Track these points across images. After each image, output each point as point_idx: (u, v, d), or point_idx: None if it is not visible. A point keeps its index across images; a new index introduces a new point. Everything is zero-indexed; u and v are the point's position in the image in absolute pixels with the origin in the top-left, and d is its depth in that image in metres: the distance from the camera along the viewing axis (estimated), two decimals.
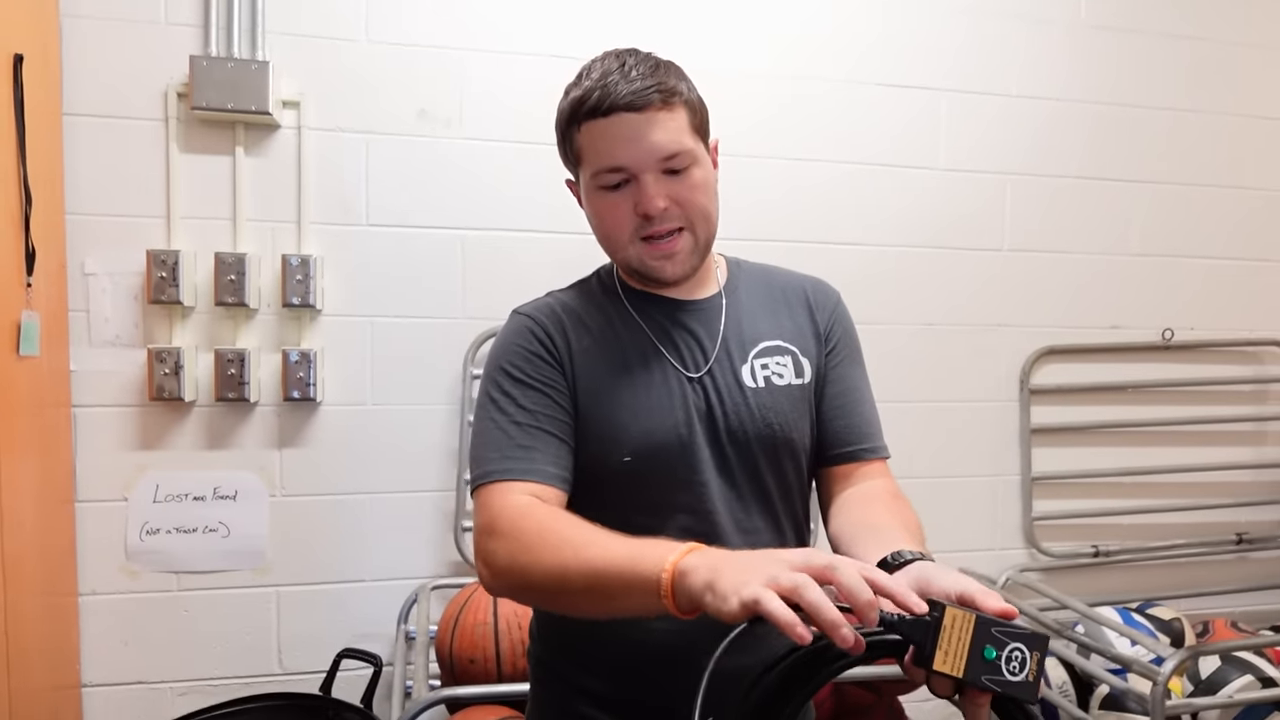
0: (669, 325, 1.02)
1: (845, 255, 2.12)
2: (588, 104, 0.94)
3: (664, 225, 0.96)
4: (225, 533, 1.86)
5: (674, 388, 0.99)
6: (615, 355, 1.00)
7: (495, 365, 1.00)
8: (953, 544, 2.21)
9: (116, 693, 1.83)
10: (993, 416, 2.24)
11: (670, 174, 0.95)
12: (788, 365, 1.03)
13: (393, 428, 1.92)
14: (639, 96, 0.92)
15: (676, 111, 0.95)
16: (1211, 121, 2.34)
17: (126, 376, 1.80)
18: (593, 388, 0.98)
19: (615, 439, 0.96)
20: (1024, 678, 0.64)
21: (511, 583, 0.87)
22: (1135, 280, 2.31)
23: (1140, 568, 2.34)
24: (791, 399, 1.02)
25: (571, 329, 1.01)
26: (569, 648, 1.04)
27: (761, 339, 1.04)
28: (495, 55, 1.94)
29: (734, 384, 1.00)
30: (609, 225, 0.98)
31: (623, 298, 1.05)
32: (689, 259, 0.99)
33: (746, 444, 0.99)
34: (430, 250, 1.93)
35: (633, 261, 0.99)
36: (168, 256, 1.75)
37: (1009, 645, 0.64)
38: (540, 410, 0.96)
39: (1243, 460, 2.39)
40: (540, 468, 0.93)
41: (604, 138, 0.94)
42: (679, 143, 0.94)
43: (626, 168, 0.94)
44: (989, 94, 2.21)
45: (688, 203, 0.96)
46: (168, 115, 1.79)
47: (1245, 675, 1.82)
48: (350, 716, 1.73)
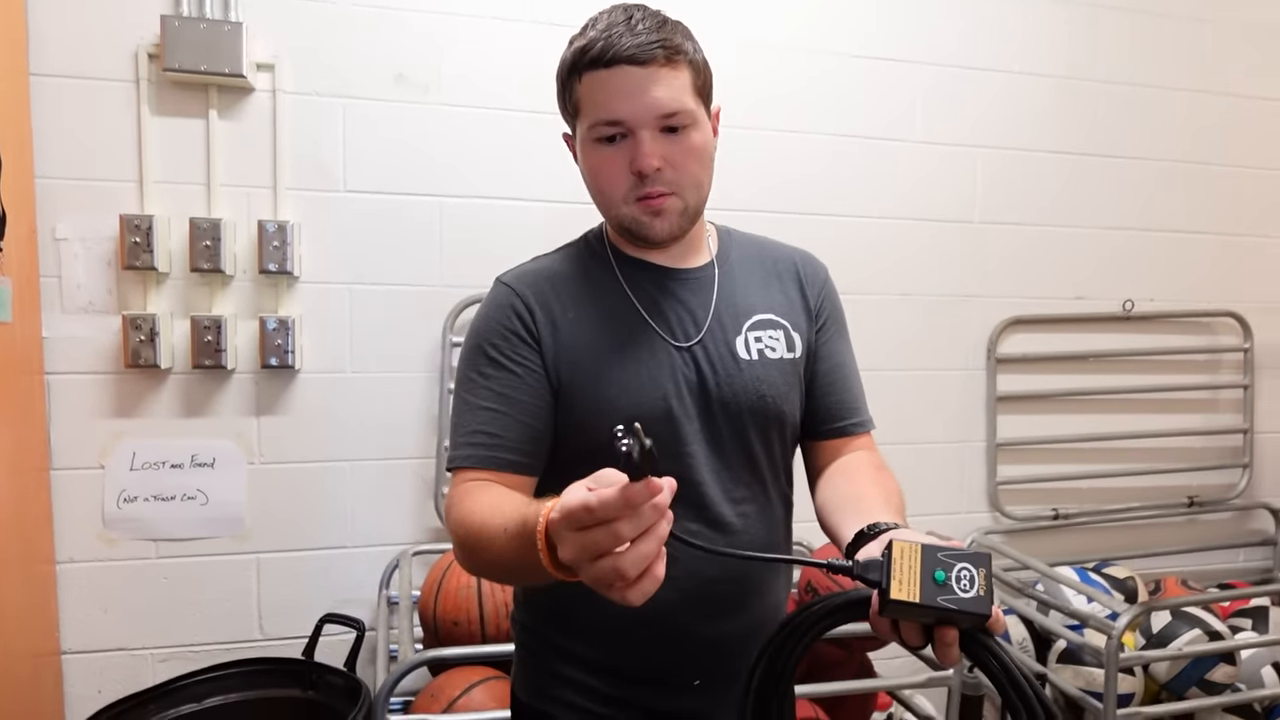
0: (659, 295, 1.02)
1: (822, 226, 2.15)
2: (590, 54, 0.93)
3: (655, 187, 0.95)
4: (204, 500, 1.85)
5: (662, 359, 0.99)
6: (603, 327, 1.00)
7: (475, 341, 1.00)
8: (921, 508, 2.28)
9: (96, 659, 1.83)
10: (961, 384, 2.30)
11: (668, 132, 0.94)
12: (780, 339, 1.04)
13: (372, 395, 1.93)
14: (643, 50, 0.91)
15: (680, 70, 0.94)
16: (1173, 98, 2.40)
17: (101, 343, 1.78)
18: (579, 361, 0.98)
19: (604, 412, 0.96)
20: (975, 593, 0.68)
21: (462, 563, 0.92)
22: (1098, 253, 2.38)
23: (1098, 529, 2.44)
24: (783, 372, 1.03)
25: (556, 300, 1.00)
26: (552, 613, 1.06)
27: (755, 311, 1.04)
28: (475, 20, 1.92)
29: (728, 355, 1.01)
30: (603, 181, 0.97)
31: (613, 264, 1.04)
32: (678, 220, 0.98)
33: (738, 414, 1.00)
34: (409, 217, 1.92)
35: (625, 220, 0.98)
36: (141, 221, 1.73)
37: (956, 566, 0.69)
38: (510, 394, 0.96)
39: (1195, 427, 2.49)
40: (499, 455, 0.94)
41: (604, 89, 0.93)
42: (679, 101, 0.93)
43: (625, 121, 0.93)
44: (962, 68, 2.23)
45: (681, 166, 0.95)
46: (139, 77, 1.76)
47: (1194, 629, 1.91)
48: (333, 679, 1.75)
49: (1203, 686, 1.89)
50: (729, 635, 1.02)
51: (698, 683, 1.02)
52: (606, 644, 1.02)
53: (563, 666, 1.04)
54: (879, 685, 1.70)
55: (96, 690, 1.81)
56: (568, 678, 1.03)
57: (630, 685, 1.02)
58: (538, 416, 0.97)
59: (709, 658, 1.02)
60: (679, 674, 1.02)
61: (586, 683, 1.03)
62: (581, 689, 1.03)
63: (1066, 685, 1.91)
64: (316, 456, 1.91)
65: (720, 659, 1.02)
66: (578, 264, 1.05)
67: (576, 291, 1.02)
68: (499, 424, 0.95)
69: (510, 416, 0.96)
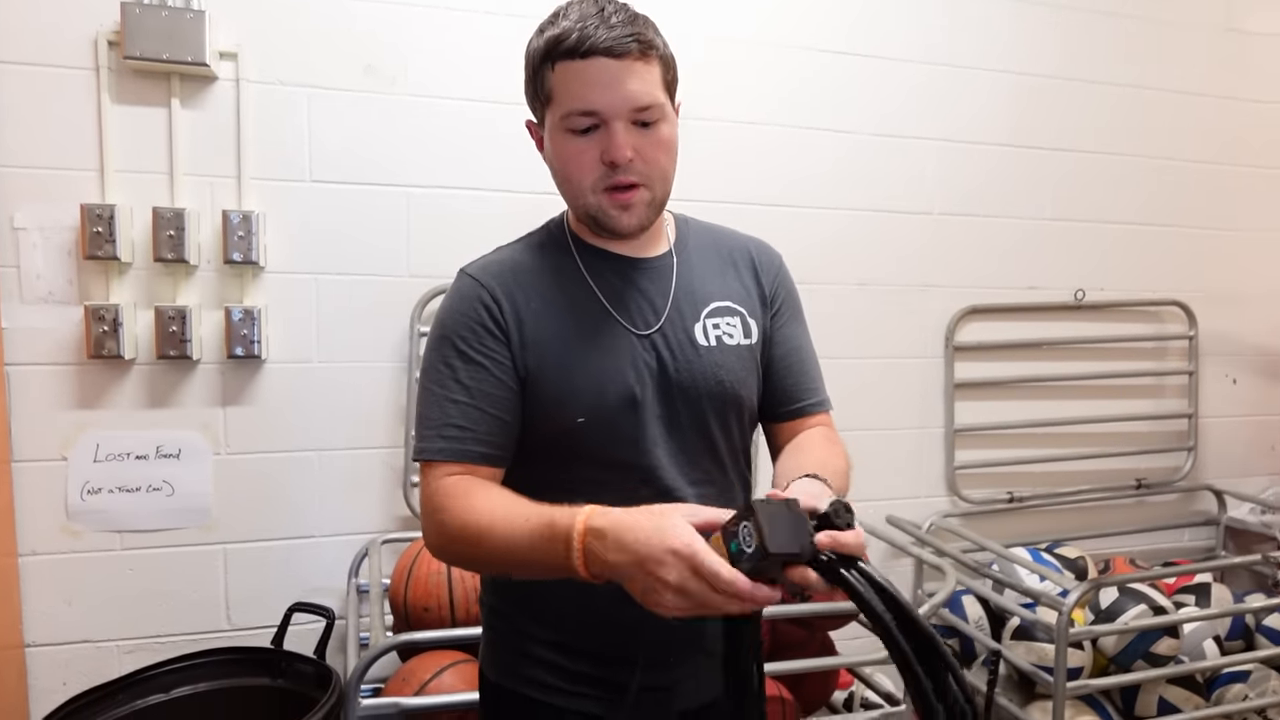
0: (620, 284, 1.04)
1: (784, 217, 2.19)
2: (565, 44, 0.93)
3: (626, 177, 0.96)
4: (169, 491, 1.85)
5: (623, 348, 1.01)
6: (565, 318, 1.01)
7: (442, 333, 1.01)
8: (881, 492, 2.34)
9: (61, 652, 1.82)
10: (919, 372, 2.36)
11: (640, 126, 0.96)
12: (737, 326, 1.07)
13: (340, 385, 1.93)
14: (619, 43, 0.92)
15: (652, 64, 0.96)
16: (1123, 94, 2.48)
17: (62, 334, 1.76)
18: (543, 352, 1.00)
19: (567, 401, 0.98)
20: (755, 544, 0.73)
21: (452, 557, 0.97)
22: (1051, 244, 2.45)
23: (1051, 512, 2.52)
24: (740, 358, 1.06)
25: (520, 291, 1.01)
26: (520, 597, 1.08)
27: (712, 299, 1.07)
28: (442, 11, 1.93)
29: (686, 342, 1.03)
30: (572, 170, 0.98)
31: (574, 254, 1.05)
32: (645, 212, 1.00)
33: (697, 400, 1.03)
34: (375, 207, 1.92)
35: (591, 209, 0.99)
36: (103, 211, 1.71)
37: (740, 532, 0.75)
38: (480, 387, 0.98)
39: (1143, 412, 2.58)
40: (471, 449, 0.97)
41: (579, 80, 0.94)
42: (652, 95, 0.95)
43: (600, 113, 0.94)
44: (919, 63, 2.29)
45: (651, 159, 0.97)
46: (99, 64, 1.74)
47: (1139, 605, 2.00)
48: (303, 667, 1.75)
49: (1148, 659, 1.97)
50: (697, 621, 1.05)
51: (672, 659, 1.05)
52: (576, 625, 1.04)
53: (532, 647, 1.06)
54: (838, 663, 1.75)
55: (61, 683, 1.80)
56: (538, 657, 1.05)
57: (601, 664, 1.04)
58: (506, 409, 0.99)
59: (680, 635, 1.03)
60: (649, 652, 1.04)
61: (556, 662, 1.05)
62: (551, 668, 1.05)
63: (1019, 660, 1.98)
64: (284, 447, 1.91)
65: (692, 636, 1.04)
66: (540, 254, 1.06)
67: (540, 282, 1.03)
68: (469, 417, 0.97)
69: (480, 409, 0.97)
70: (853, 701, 2.09)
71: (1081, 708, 2.03)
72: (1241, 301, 2.65)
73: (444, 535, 0.93)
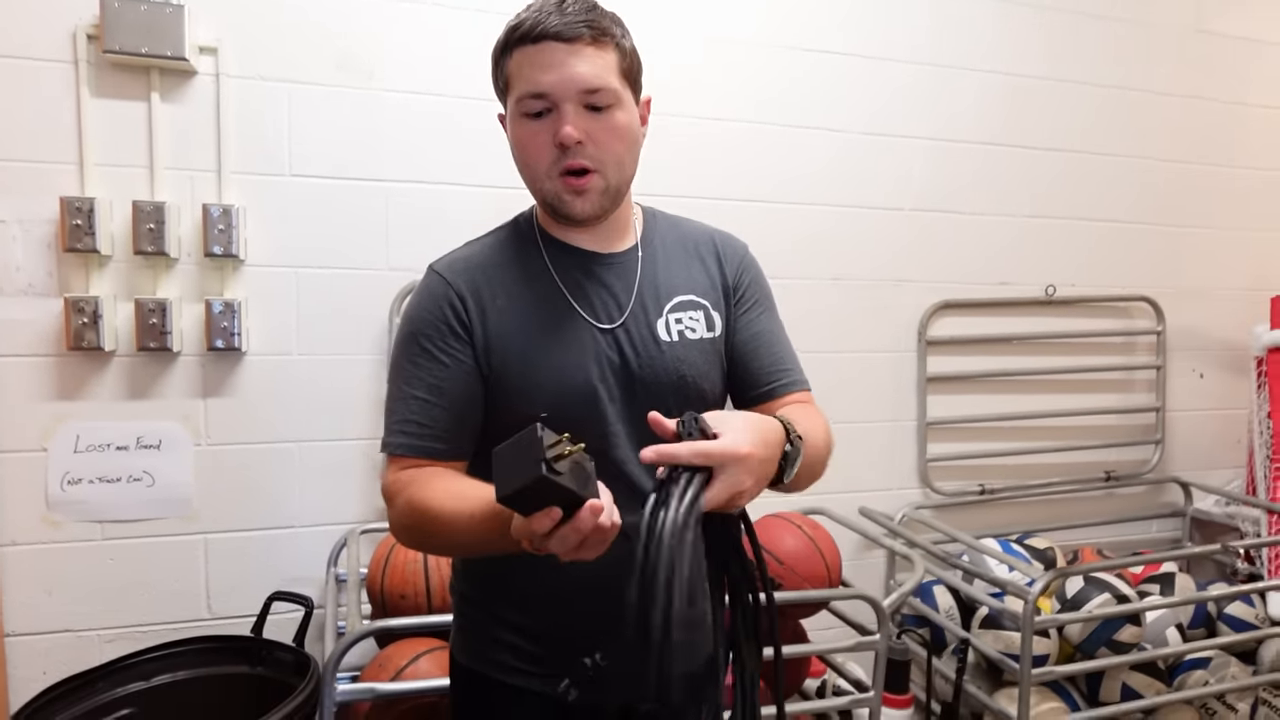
0: (584, 280, 1.06)
1: (757, 212, 2.23)
2: (519, 30, 0.97)
3: (577, 160, 0.98)
4: (150, 482, 1.87)
5: (586, 342, 1.03)
6: (529, 313, 1.04)
7: (409, 329, 1.05)
8: (854, 484, 2.38)
9: (41, 641, 1.83)
10: (892, 366, 2.41)
11: (592, 110, 0.98)
12: (699, 320, 1.09)
13: (319, 377, 1.95)
14: (568, 28, 0.96)
15: (606, 50, 0.98)
16: (1098, 94, 2.52)
17: (42, 326, 1.78)
18: (506, 346, 1.03)
19: (530, 395, 1.01)
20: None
21: (412, 541, 1.01)
22: (1023, 240, 2.50)
23: (1021, 504, 2.57)
24: (703, 352, 1.08)
25: (485, 287, 1.04)
26: (490, 582, 1.11)
27: (676, 293, 1.09)
28: (415, 6, 1.95)
29: (649, 336, 1.05)
30: (529, 154, 1.01)
31: (541, 249, 1.07)
32: (599, 199, 1.01)
33: (659, 394, 1.05)
34: (354, 202, 1.94)
35: (548, 195, 1.02)
36: (82, 204, 1.72)
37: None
38: (440, 385, 1.01)
39: (1112, 405, 2.63)
40: (430, 444, 1.01)
41: (530, 64, 0.97)
42: (602, 79, 0.97)
43: (548, 94, 0.97)
44: (895, 60, 2.32)
45: (603, 144, 0.99)
46: (77, 58, 1.75)
47: (1104, 594, 2.04)
48: (282, 655, 1.78)
49: (1111, 647, 2.02)
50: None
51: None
52: (542, 610, 1.07)
53: (501, 632, 1.09)
54: (809, 650, 1.79)
55: (41, 672, 1.82)
56: (506, 642, 1.08)
57: (562, 647, 1.06)
58: (466, 405, 1.02)
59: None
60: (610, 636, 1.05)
61: (523, 647, 1.08)
62: (519, 653, 1.08)
63: (987, 648, 2.03)
64: (264, 438, 1.93)
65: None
66: (508, 250, 1.09)
67: (506, 278, 1.05)
68: (429, 414, 1.01)
69: (440, 407, 1.01)
70: (825, 690, 2.13)
71: (1047, 694, 2.08)
72: (1209, 298, 2.71)
73: (401, 521, 0.98)
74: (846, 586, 1.91)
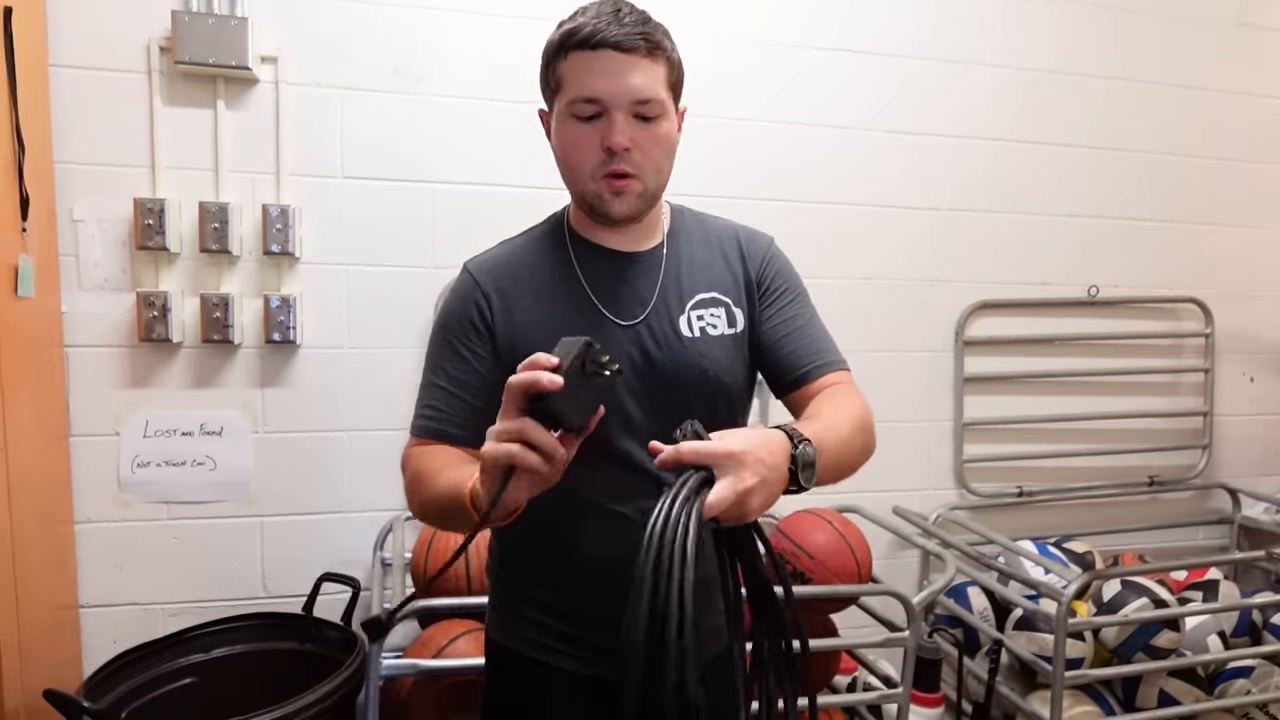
0: (610, 278, 1.11)
1: (794, 211, 2.26)
2: (578, 35, 1.01)
3: (621, 166, 1.03)
4: (212, 466, 1.98)
5: (608, 338, 1.07)
6: (553, 311, 1.09)
7: (440, 323, 1.14)
8: (889, 484, 2.40)
9: (112, 613, 1.96)
10: (929, 366, 2.41)
11: (640, 120, 1.03)
12: (721, 317, 1.12)
13: (368, 369, 2.05)
14: (627, 39, 1.00)
15: (658, 63, 1.03)
16: (1140, 90, 2.49)
17: (116, 319, 1.91)
18: (530, 344, 1.05)
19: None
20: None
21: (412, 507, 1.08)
22: (1065, 240, 2.48)
23: (1060, 507, 2.55)
24: (725, 348, 1.12)
25: (511, 287, 1.11)
26: (517, 561, 1.18)
27: (698, 290, 1.13)
28: (464, 15, 2.03)
29: (671, 333, 1.09)
30: (575, 155, 1.05)
31: (569, 249, 1.13)
32: (636, 202, 1.06)
33: (681, 388, 1.08)
34: (403, 202, 2.03)
35: (589, 195, 1.06)
36: (154, 204, 1.85)
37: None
38: (460, 377, 1.10)
39: (1158, 409, 2.59)
40: (444, 428, 1.09)
41: (587, 70, 1.01)
42: (654, 90, 1.02)
43: (602, 100, 1.01)
44: (933, 60, 2.33)
45: (647, 151, 1.04)
46: (151, 68, 1.87)
47: (1141, 598, 2.03)
48: (331, 633, 1.88)
49: (1148, 652, 2.00)
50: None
51: None
52: (565, 590, 1.14)
53: (527, 609, 1.16)
54: (835, 644, 1.82)
55: (112, 641, 1.95)
56: (532, 619, 1.16)
57: (584, 626, 1.13)
58: (480, 397, 1.09)
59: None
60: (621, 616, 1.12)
61: (547, 623, 1.15)
62: (543, 629, 1.15)
63: (1020, 649, 2.03)
64: (316, 427, 2.03)
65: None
66: (538, 250, 1.14)
67: (534, 278, 1.12)
68: (447, 402, 1.10)
69: (459, 397, 1.09)
70: (856, 686, 2.15)
71: (1082, 698, 2.07)
72: (1259, 299, 2.65)
73: (407, 488, 1.08)
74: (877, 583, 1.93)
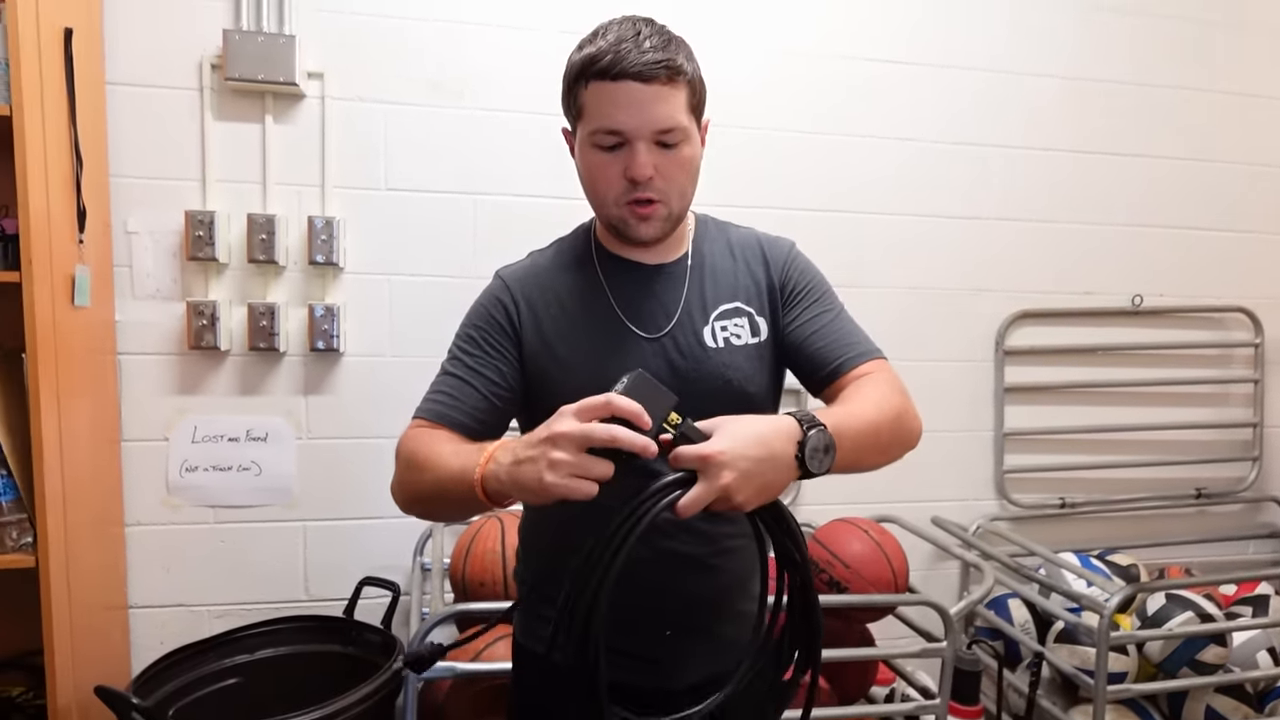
0: (635, 292, 1.12)
1: (831, 220, 2.25)
2: (599, 65, 1.00)
3: (645, 193, 1.04)
4: (257, 471, 2.03)
5: (631, 351, 1.08)
6: (578, 324, 1.10)
7: (466, 321, 1.15)
8: (928, 494, 2.37)
9: (159, 613, 2.02)
10: (969, 375, 2.39)
11: (662, 146, 1.03)
12: (744, 326, 1.13)
13: (409, 378, 2.06)
14: (648, 69, 0.99)
15: (679, 89, 1.02)
16: (1184, 97, 2.45)
17: (166, 327, 1.96)
18: (555, 355, 1.10)
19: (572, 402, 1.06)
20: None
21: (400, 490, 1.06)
22: (1109, 249, 2.44)
23: (1104, 519, 2.50)
24: (749, 357, 1.12)
25: (541, 299, 1.12)
26: (538, 565, 1.20)
27: (722, 301, 1.13)
28: (504, 29, 2.06)
29: (695, 344, 1.10)
30: (599, 183, 1.07)
31: (596, 263, 1.14)
32: (662, 225, 1.08)
33: (703, 398, 1.04)
34: (444, 213, 2.07)
35: (614, 220, 1.08)
36: (204, 217, 1.90)
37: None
38: (478, 369, 1.09)
39: (1205, 420, 2.54)
40: (450, 414, 1.07)
41: (609, 101, 1.01)
42: (675, 119, 1.02)
43: (624, 132, 1.01)
44: (976, 69, 2.32)
45: (671, 177, 1.05)
46: (202, 85, 1.93)
47: (1187, 612, 1.98)
48: (371, 636, 1.91)
49: (1194, 667, 1.96)
50: (698, 591, 1.13)
51: (668, 633, 1.13)
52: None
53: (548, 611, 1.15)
54: (871, 654, 1.81)
55: (159, 641, 2.00)
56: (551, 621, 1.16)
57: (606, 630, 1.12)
58: (496, 391, 1.09)
59: (678, 611, 1.12)
60: (650, 624, 1.12)
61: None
62: None
63: (1062, 663, 1.99)
64: (357, 433, 2.07)
65: (689, 612, 1.13)
66: (565, 262, 1.16)
67: (561, 290, 1.13)
68: (460, 390, 1.09)
69: (471, 386, 1.09)
70: (894, 697, 2.13)
71: (1125, 713, 2.03)
72: None
73: (398, 466, 1.05)
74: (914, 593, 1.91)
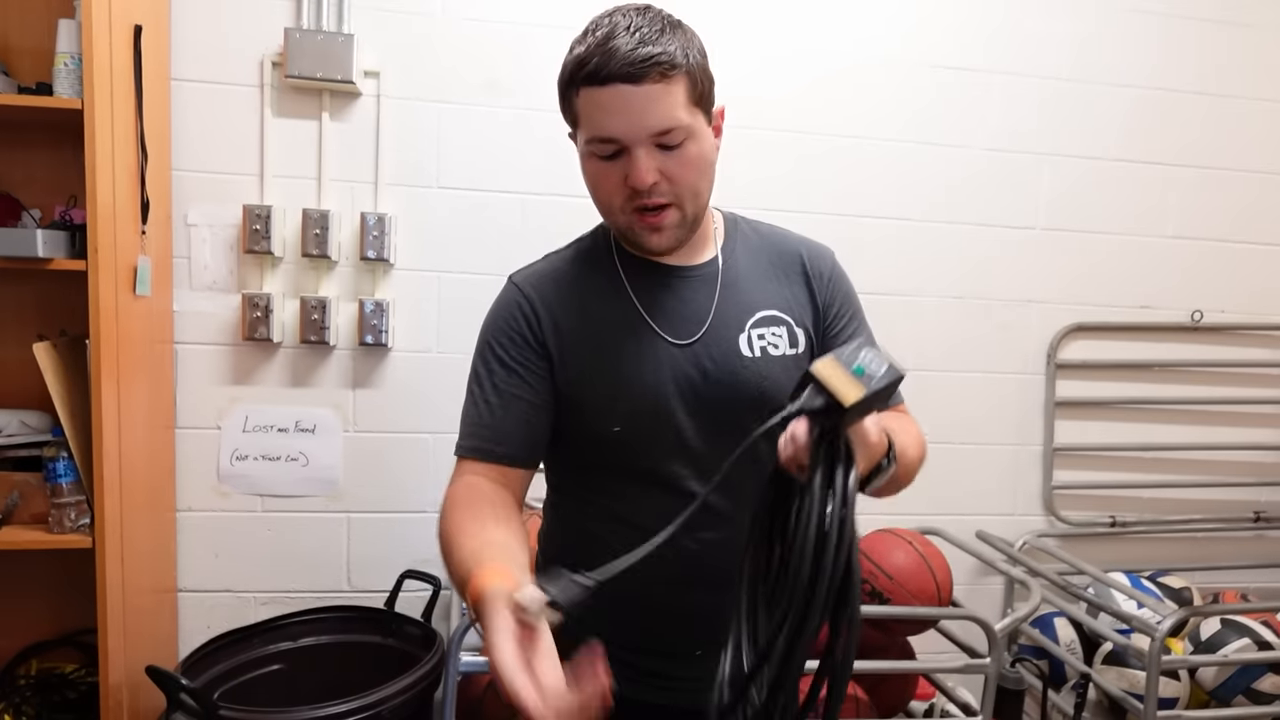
0: (660, 294, 1.05)
1: (883, 228, 2.21)
2: (585, 69, 0.93)
3: (653, 199, 0.97)
4: (305, 462, 2.07)
5: (662, 359, 1.02)
6: (603, 329, 1.03)
7: (484, 337, 1.07)
8: (974, 508, 2.33)
9: (207, 598, 2.06)
10: (1019, 388, 2.34)
11: (663, 148, 0.95)
12: (783, 336, 1.06)
13: (455, 374, 2.06)
14: (636, 69, 0.90)
15: (674, 84, 0.93)
16: (1246, 107, 2.37)
17: (222, 318, 2.01)
18: (580, 363, 1.03)
19: (604, 411, 1.01)
20: (887, 364, 0.73)
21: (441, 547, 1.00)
22: (1167, 262, 2.37)
23: (1156, 540, 2.43)
24: (786, 368, 1.05)
25: (559, 303, 1.05)
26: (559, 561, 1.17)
27: (758, 308, 1.06)
28: (554, 29, 2.07)
29: (730, 352, 1.03)
30: (602, 193, 1.00)
31: (616, 263, 1.07)
32: (676, 232, 1.00)
33: (736, 409, 1.01)
34: (494, 211, 2.09)
35: (623, 229, 1.02)
36: (261, 211, 1.94)
37: (861, 353, 0.74)
38: (512, 392, 1.02)
39: (1266, 441, 2.45)
40: (494, 449, 1.01)
41: (599, 108, 0.93)
42: (673, 118, 0.93)
43: (619, 139, 0.94)
44: (1030, 75, 2.27)
45: (678, 179, 0.96)
46: (263, 82, 1.97)
47: (1243, 638, 1.92)
48: (411, 629, 1.93)
49: (1249, 696, 1.90)
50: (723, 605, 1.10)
51: (699, 653, 1.06)
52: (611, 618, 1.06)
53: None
54: (913, 667, 1.78)
55: (206, 625, 2.04)
56: None
57: (628, 650, 1.05)
58: (533, 414, 1.03)
59: (705, 628, 1.05)
60: (678, 644, 1.07)
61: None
62: None
63: (1110, 686, 1.94)
64: (403, 428, 2.10)
65: (716, 629, 1.07)
66: (583, 264, 1.10)
67: (581, 293, 1.06)
68: (496, 420, 1.02)
69: (507, 413, 1.02)
70: (933, 713, 2.10)
71: None
72: None
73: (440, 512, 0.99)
74: (957, 607, 1.88)
